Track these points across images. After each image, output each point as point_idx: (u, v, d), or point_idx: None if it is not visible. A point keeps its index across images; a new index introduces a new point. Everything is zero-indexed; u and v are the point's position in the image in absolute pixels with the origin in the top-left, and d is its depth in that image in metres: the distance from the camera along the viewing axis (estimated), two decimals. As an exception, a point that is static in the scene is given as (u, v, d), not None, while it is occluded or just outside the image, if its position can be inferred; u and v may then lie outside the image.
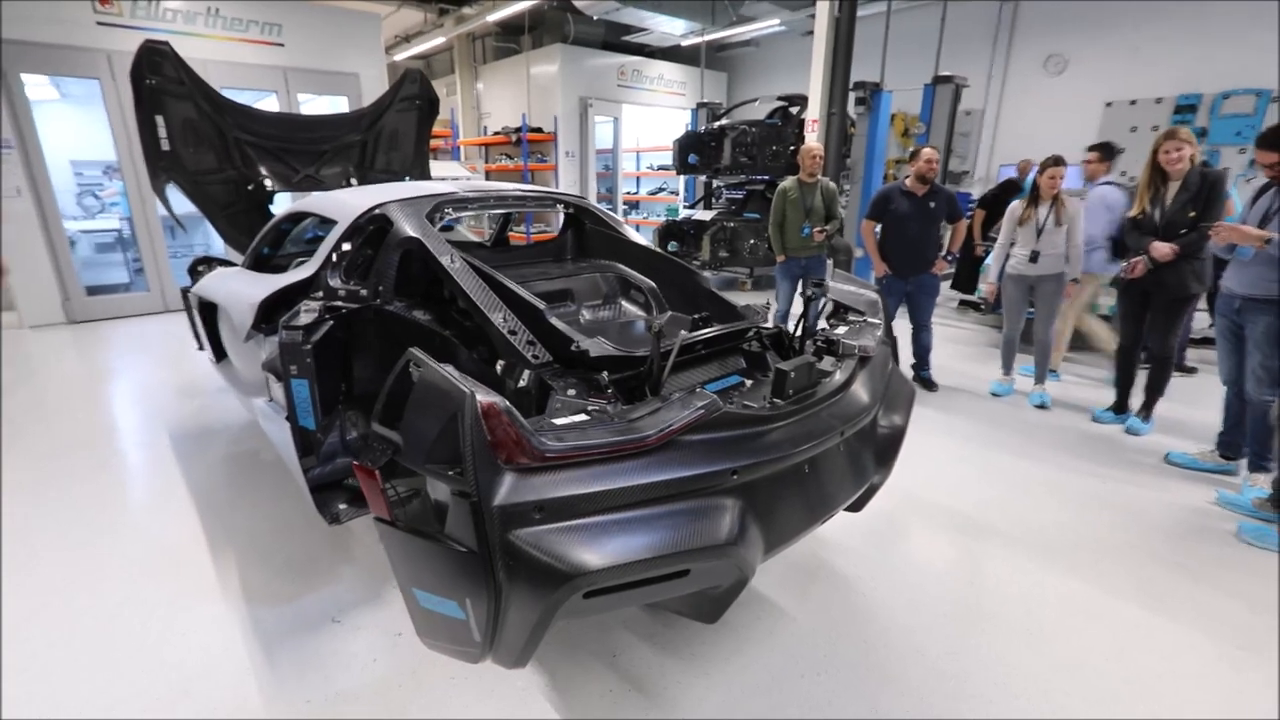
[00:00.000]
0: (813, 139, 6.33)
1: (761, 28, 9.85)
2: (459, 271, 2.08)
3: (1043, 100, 8.93)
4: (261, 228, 4.48)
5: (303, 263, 3.52)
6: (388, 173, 5.04)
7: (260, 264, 3.29)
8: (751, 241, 8.07)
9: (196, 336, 3.96)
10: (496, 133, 10.37)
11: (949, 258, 4.35)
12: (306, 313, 2.12)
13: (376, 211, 2.40)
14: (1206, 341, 5.35)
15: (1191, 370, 4.99)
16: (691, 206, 9.50)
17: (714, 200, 9.32)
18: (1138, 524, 2.91)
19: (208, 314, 3.34)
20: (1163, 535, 2.83)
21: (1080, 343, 5.23)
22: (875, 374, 2.10)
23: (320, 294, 2.36)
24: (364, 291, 2.26)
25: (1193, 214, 3.46)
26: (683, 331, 1.79)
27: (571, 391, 1.68)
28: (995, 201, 5.79)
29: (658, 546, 1.33)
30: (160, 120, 4.00)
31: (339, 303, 2.25)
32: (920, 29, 8.55)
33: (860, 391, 1.93)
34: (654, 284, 2.68)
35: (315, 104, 7.72)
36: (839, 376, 1.90)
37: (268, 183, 4.44)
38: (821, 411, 1.74)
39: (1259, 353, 3.09)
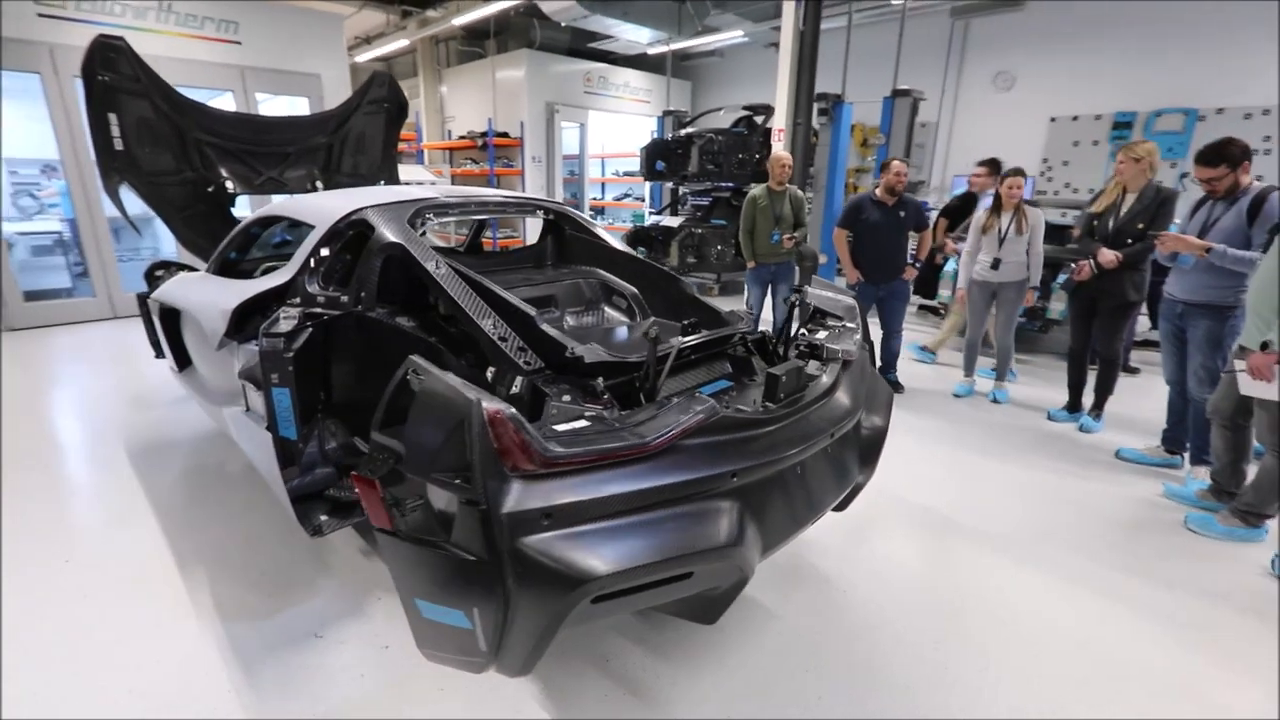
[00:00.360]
0: (779, 148, 6.47)
1: (726, 38, 10.03)
2: (445, 278, 2.06)
3: (992, 114, 9.35)
4: (222, 231, 4.34)
5: (272, 268, 3.43)
6: (354, 176, 4.94)
7: (226, 269, 3.18)
8: (719, 247, 8.18)
9: (154, 344, 3.80)
10: (462, 137, 10.25)
11: (916, 264, 4.50)
12: (286, 319, 2.07)
13: (356, 216, 2.35)
14: (1149, 344, 5.68)
15: (1135, 370, 5.29)
16: (658, 213, 9.58)
17: (679, 207, 9.43)
18: (1094, 517, 3.07)
19: (169, 321, 3.22)
20: (1118, 527, 2.99)
21: (1028, 347, 5.50)
22: (856, 377, 2.17)
23: (298, 300, 2.30)
24: (344, 298, 2.22)
25: (1141, 225, 3.67)
26: (679, 337, 1.81)
27: (566, 398, 1.69)
28: (957, 211, 6.02)
29: (664, 550, 1.35)
30: (113, 118, 3.83)
31: (318, 309, 2.20)
32: (878, 44, 8.84)
33: (845, 394, 1.99)
34: (636, 290, 2.70)
35: (272, 104, 7.51)
36: (825, 380, 1.96)
37: (229, 185, 4.30)
38: (811, 414, 1.79)
39: (1200, 354, 3.31)
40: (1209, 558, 2.76)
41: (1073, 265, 3.98)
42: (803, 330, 2.43)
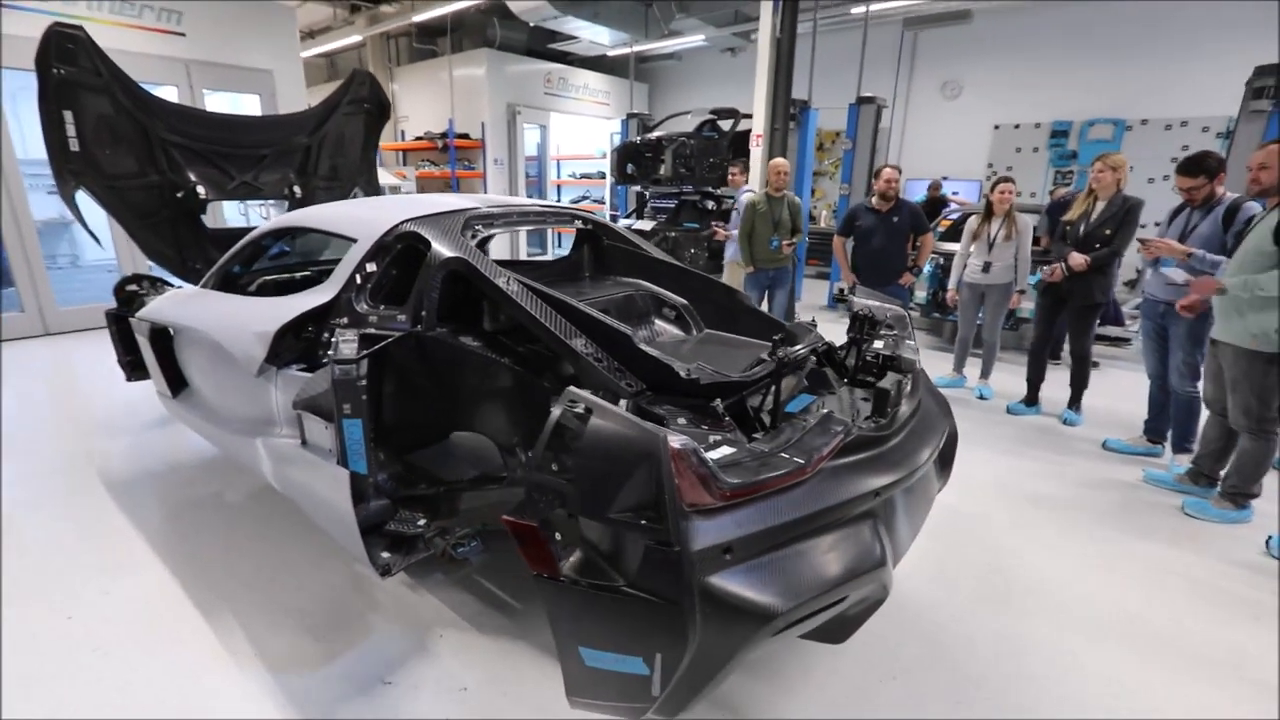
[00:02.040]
0: (758, 153, 6.57)
1: (687, 42, 10.10)
2: (520, 294, 1.96)
3: (942, 121, 9.84)
4: (191, 239, 4.02)
5: (270, 282, 3.19)
6: (332, 180, 4.66)
7: (226, 284, 2.92)
8: (692, 251, 8.23)
9: (127, 366, 3.45)
10: (419, 138, 9.86)
11: (914, 270, 4.65)
12: (345, 344, 1.91)
13: (404, 229, 2.21)
14: (1102, 338, 6.11)
15: (1095, 364, 5.66)
16: (628, 216, 9.53)
17: (643, 210, 9.42)
18: (1102, 504, 3.27)
19: (159, 342, 2.92)
20: (1124, 512, 3.19)
21: (1001, 343, 5.80)
22: (924, 385, 2.22)
23: (345, 320, 2.14)
24: (401, 317, 2.07)
25: (1108, 232, 3.94)
26: (812, 354, 1.77)
27: (681, 420, 1.63)
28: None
29: (832, 575, 1.33)
30: (69, 116, 3.45)
31: (372, 330, 2.05)
32: (834, 51, 9.12)
33: (933, 404, 2.03)
34: (686, 301, 2.66)
35: (214, 100, 6.98)
36: (912, 390, 1.99)
37: (200, 190, 3.95)
38: (919, 425, 1.82)
39: (1181, 351, 3.57)
40: (1210, 539, 2.98)
41: (1044, 268, 4.23)
42: (851, 339, 2.45)
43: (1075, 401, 4.37)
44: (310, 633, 2.23)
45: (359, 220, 2.33)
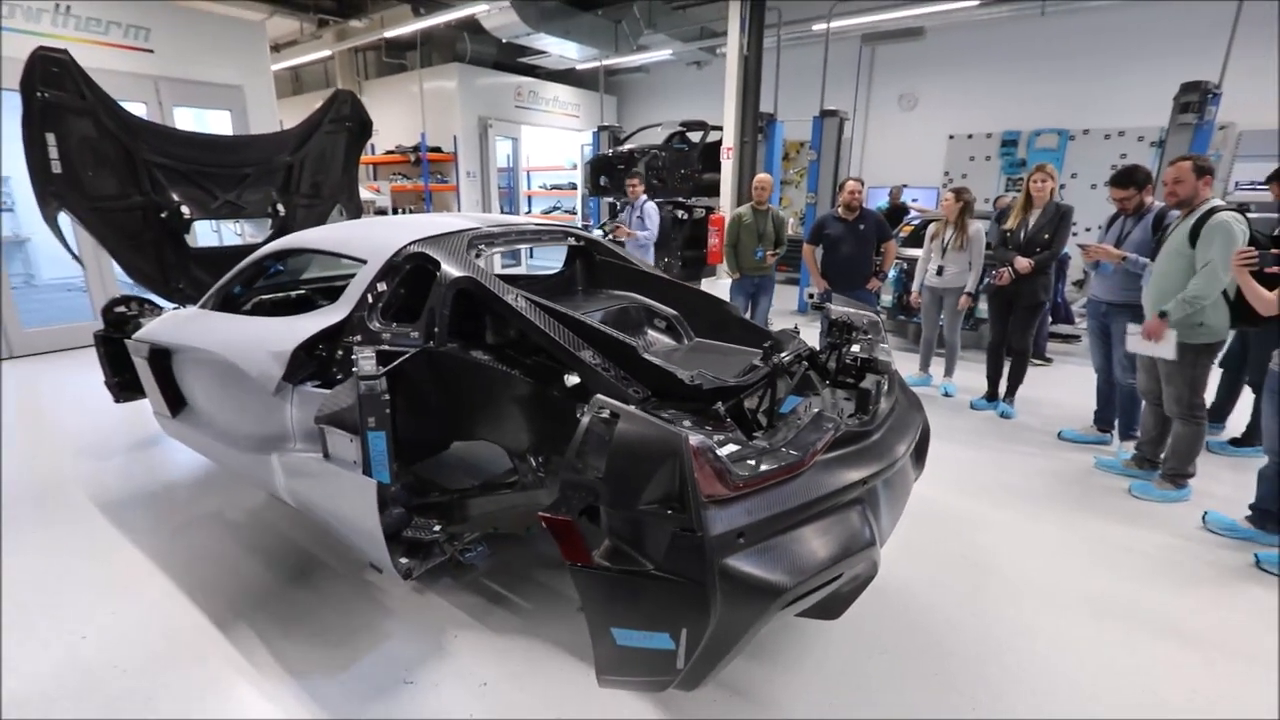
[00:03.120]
0: (729, 166, 6.82)
1: (654, 56, 10.35)
2: (528, 310, 2.10)
3: (900, 132, 10.30)
4: (175, 259, 4.03)
5: (264, 302, 3.26)
6: (314, 198, 4.72)
7: (226, 304, 2.97)
8: (665, 260, 8.43)
9: (117, 388, 3.46)
10: (389, 151, 9.86)
11: (880, 275, 4.92)
12: (366, 360, 2.02)
13: (412, 250, 2.33)
14: (1055, 335, 6.52)
15: (1049, 360, 6.05)
16: (600, 227, 9.69)
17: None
18: (1059, 489, 3.55)
19: (157, 362, 2.95)
20: (1080, 496, 3.47)
21: (962, 343, 6.14)
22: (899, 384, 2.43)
23: (359, 338, 2.25)
24: (414, 333, 2.20)
25: (1047, 236, 4.28)
26: (799, 359, 1.94)
27: (687, 423, 1.79)
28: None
29: (832, 554, 1.50)
30: (51, 139, 3.46)
31: (388, 347, 2.17)
32: (797, 66, 9.48)
33: (908, 401, 2.24)
34: (677, 312, 2.83)
35: (182, 114, 6.91)
36: (888, 390, 2.20)
37: (184, 209, 3.97)
38: (897, 421, 2.02)
39: (1122, 346, 3.90)
40: (1155, 517, 3.27)
41: (993, 272, 4.55)
42: (830, 344, 2.65)
43: (1010, 394, 4.65)
44: (327, 640, 2.31)
45: (368, 242, 2.43)
